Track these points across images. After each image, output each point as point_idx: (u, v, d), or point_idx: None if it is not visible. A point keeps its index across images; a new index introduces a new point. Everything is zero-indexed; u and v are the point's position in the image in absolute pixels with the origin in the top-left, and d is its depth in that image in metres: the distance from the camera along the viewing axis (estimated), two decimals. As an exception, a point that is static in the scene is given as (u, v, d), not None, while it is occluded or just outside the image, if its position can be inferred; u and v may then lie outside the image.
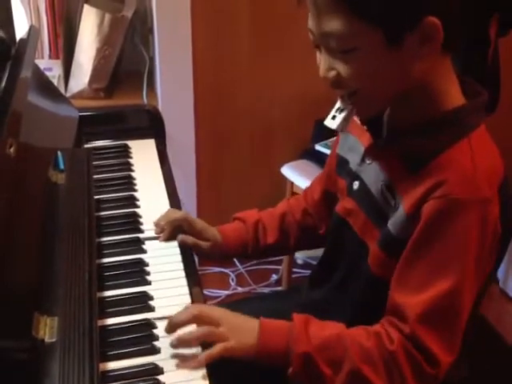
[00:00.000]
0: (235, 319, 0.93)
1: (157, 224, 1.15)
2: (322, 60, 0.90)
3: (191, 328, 0.91)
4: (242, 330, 0.91)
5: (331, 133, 1.06)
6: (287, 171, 2.03)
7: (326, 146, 1.98)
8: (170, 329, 0.91)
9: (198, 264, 2.19)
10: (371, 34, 0.84)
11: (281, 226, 1.19)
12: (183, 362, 0.88)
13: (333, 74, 0.89)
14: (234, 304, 1.37)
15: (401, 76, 0.88)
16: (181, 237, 1.12)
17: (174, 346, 0.89)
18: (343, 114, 0.94)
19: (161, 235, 1.14)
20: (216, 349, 0.89)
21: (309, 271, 2.20)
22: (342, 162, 1.07)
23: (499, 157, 0.93)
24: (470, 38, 0.98)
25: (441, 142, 0.89)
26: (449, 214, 0.86)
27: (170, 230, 1.13)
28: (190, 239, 1.13)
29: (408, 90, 0.90)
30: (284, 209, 1.21)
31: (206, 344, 0.90)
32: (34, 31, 1.31)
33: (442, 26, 0.83)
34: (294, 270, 2.23)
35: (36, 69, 1.30)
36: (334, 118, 0.96)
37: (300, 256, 2.29)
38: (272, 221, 1.19)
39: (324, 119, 2.12)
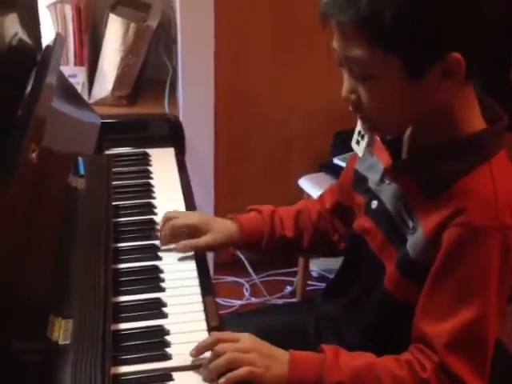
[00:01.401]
0: (265, 348, 0.92)
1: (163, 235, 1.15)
2: (344, 81, 0.90)
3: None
4: (273, 359, 0.90)
5: (350, 146, 1.07)
6: (304, 183, 2.03)
7: (345, 160, 1.97)
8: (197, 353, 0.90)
9: (212, 273, 2.21)
10: (392, 65, 0.84)
11: (296, 222, 1.18)
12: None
13: (354, 96, 0.89)
14: (247, 314, 1.37)
15: (418, 106, 0.88)
16: (181, 245, 1.11)
17: (205, 373, 0.88)
18: (365, 140, 0.95)
19: (173, 245, 1.13)
20: (243, 370, 0.88)
21: (323, 284, 2.21)
22: (361, 179, 1.07)
23: None
24: (491, 60, 0.98)
25: (460, 168, 0.89)
26: (471, 242, 0.86)
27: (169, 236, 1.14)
28: (190, 242, 1.12)
29: (428, 115, 0.90)
30: (301, 207, 1.21)
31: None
32: (59, 39, 1.33)
33: (465, 62, 0.83)
34: (309, 282, 2.23)
35: (60, 75, 1.33)
36: (358, 142, 0.97)
37: (315, 269, 2.29)
38: (288, 216, 1.18)
39: (344, 132, 2.12)
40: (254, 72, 2.09)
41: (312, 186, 2.01)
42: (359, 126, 0.97)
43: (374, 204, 1.01)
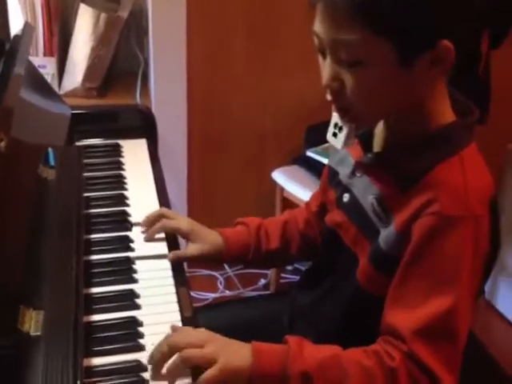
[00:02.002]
0: (222, 341, 0.89)
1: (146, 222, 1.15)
2: (326, 68, 0.87)
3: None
4: (233, 351, 0.87)
5: (323, 139, 1.06)
6: (278, 176, 2.03)
7: (317, 152, 1.98)
8: (155, 375, 0.85)
9: (186, 266, 2.20)
10: (384, 51, 0.83)
11: (283, 234, 1.17)
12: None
13: (336, 84, 0.87)
14: (221, 306, 1.37)
15: (403, 94, 0.88)
16: (170, 255, 1.10)
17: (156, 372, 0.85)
18: (344, 133, 0.94)
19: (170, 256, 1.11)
20: (208, 374, 0.84)
21: (297, 277, 2.21)
22: (333, 174, 1.07)
23: (490, 174, 0.92)
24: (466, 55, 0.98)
25: (431, 160, 0.89)
26: (442, 231, 0.85)
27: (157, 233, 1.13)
28: (178, 253, 1.11)
29: (404, 107, 0.90)
30: (287, 217, 1.20)
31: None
32: (28, 28, 1.31)
33: (454, 50, 0.83)
34: (283, 275, 2.24)
35: (30, 65, 1.30)
36: (335, 135, 0.96)
37: (289, 261, 2.30)
38: (275, 227, 1.18)
39: (316, 126, 2.12)
40: (227, 65, 2.08)
41: (285, 179, 2.01)
42: (335, 119, 0.95)
43: (346, 197, 1.00)
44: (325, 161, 1.82)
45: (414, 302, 0.87)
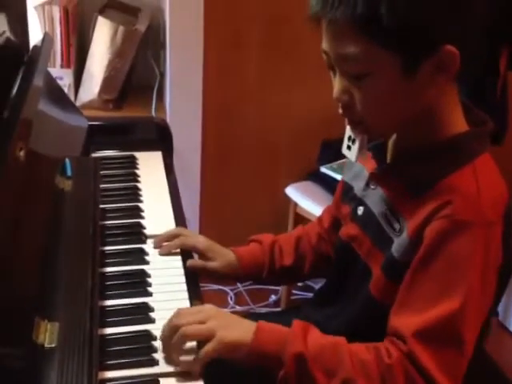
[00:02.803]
0: (228, 316, 0.92)
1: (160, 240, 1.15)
2: (336, 82, 0.89)
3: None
4: (235, 325, 0.89)
5: (338, 155, 1.07)
6: (291, 192, 2.03)
7: (332, 169, 1.98)
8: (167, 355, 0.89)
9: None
10: (388, 61, 0.84)
11: (297, 250, 1.17)
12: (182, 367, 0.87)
13: (346, 97, 0.88)
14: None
15: (411, 104, 0.89)
16: (189, 263, 1.11)
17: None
18: (357, 145, 0.94)
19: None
20: (204, 349, 0.86)
21: (308, 293, 2.20)
22: (347, 189, 1.07)
23: (504, 184, 0.92)
24: (480, 68, 0.99)
25: (443, 168, 0.89)
26: (453, 235, 0.85)
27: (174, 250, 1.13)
28: (199, 264, 1.13)
29: (415, 117, 0.90)
30: (300, 233, 1.20)
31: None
32: (47, 39, 1.32)
33: (459, 55, 0.84)
34: (294, 291, 2.22)
35: (48, 76, 1.31)
36: (349, 148, 0.96)
37: (300, 278, 2.28)
38: (288, 243, 1.18)
39: (331, 141, 2.12)
40: (243, 79, 2.09)
41: (299, 195, 2.01)
42: (348, 132, 0.96)
43: (360, 210, 1.01)
44: (339, 177, 1.81)
45: (420, 306, 0.86)
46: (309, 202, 1.96)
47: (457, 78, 0.89)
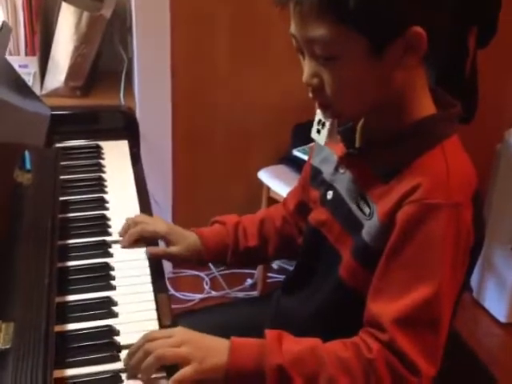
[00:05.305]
0: (200, 339, 0.89)
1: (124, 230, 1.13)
2: (306, 66, 0.89)
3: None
4: (209, 350, 0.87)
5: (310, 138, 1.06)
6: (264, 176, 2.02)
7: (304, 152, 1.97)
8: (131, 376, 0.85)
9: (171, 267, 2.18)
10: (355, 42, 0.83)
11: (260, 231, 1.17)
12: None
13: (316, 80, 0.88)
14: (202, 311, 1.35)
15: (380, 87, 0.88)
16: (149, 250, 1.09)
17: (133, 373, 0.85)
18: (326, 128, 0.94)
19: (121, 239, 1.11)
20: (181, 373, 0.84)
21: (284, 276, 2.20)
22: (316, 173, 1.07)
23: (472, 167, 0.92)
24: (447, 50, 0.98)
25: (412, 151, 0.89)
26: (424, 219, 0.85)
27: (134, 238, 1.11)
28: (159, 250, 1.11)
29: (384, 102, 0.90)
30: (264, 215, 1.20)
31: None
32: (5, 28, 1.28)
33: (426, 36, 0.83)
34: (269, 274, 2.22)
35: (6, 64, 1.28)
36: (318, 132, 0.96)
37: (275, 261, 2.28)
38: (252, 225, 1.17)
39: (303, 125, 2.11)
40: (212, 63, 2.06)
41: (271, 178, 2.00)
42: (319, 115, 0.96)
43: (330, 194, 1.00)
44: (311, 160, 1.80)
45: (395, 292, 0.86)
46: (281, 185, 1.95)
47: (425, 62, 0.89)
